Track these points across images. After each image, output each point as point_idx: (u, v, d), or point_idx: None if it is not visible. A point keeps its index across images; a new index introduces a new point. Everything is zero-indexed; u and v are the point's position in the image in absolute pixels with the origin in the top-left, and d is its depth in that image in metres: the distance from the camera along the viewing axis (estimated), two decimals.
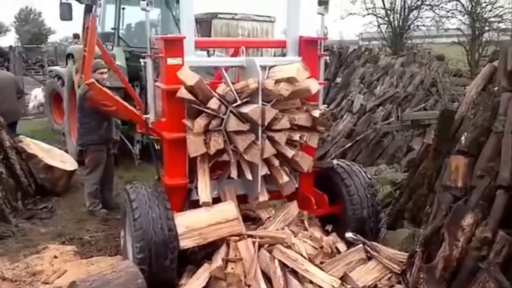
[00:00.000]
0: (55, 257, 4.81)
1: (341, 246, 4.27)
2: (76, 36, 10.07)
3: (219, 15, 15.59)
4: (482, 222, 3.20)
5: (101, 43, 8.15)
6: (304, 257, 3.93)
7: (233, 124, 3.99)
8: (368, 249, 4.09)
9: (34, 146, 7.06)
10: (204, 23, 14.76)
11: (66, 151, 8.08)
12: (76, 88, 6.91)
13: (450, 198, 3.55)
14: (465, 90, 4.93)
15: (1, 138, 6.41)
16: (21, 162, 6.62)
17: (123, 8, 8.49)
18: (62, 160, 7.25)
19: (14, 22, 47.80)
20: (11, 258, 4.85)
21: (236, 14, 15.99)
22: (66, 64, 8.96)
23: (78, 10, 9.02)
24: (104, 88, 5.35)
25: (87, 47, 5.12)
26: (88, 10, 7.95)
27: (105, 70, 6.02)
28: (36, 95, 14.01)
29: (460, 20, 17.03)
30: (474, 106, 4.08)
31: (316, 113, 4.26)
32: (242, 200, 4.58)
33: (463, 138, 3.71)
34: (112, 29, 8.46)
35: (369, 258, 4.07)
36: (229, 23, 15.87)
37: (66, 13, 9.20)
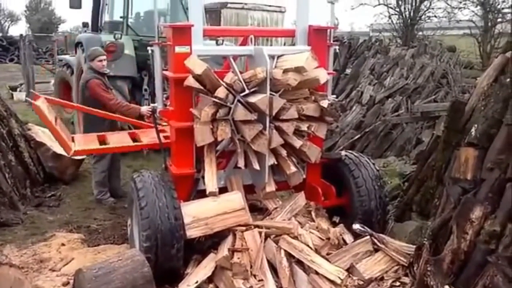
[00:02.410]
0: (63, 244, 4.84)
1: (348, 238, 4.25)
2: (85, 24, 10.03)
3: (228, 5, 15.49)
4: (491, 215, 3.17)
5: (111, 31, 8.08)
6: (311, 248, 3.91)
7: (241, 113, 3.96)
8: (375, 241, 4.07)
9: (43, 135, 7.07)
10: (213, 13, 14.67)
11: None
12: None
13: (459, 190, 3.52)
14: (476, 81, 4.87)
15: (10, 126, 6.42)
16: (29, 150, 6.65)
17: None
18: None
19: (25, 11, 48.04)
20: (19, 245, 4.88)
21: (246, 3, 15.88)
22: (75, 53, 8.94)
23: None
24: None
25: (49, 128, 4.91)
26: None
27: (104, 57, 5.91)
28: None
29: (473, 11, 16.89)
30: (485, 98, 4.03)
31: (325, 103, 4.22)
32: (249, 190, 4.56)
33: (473, 130, 3.66)
34: (120, 17, 8.42)
35: (376, 250, 4.05)
36: (239, 13, 15.77)
37: (75, 2, 9.19)
